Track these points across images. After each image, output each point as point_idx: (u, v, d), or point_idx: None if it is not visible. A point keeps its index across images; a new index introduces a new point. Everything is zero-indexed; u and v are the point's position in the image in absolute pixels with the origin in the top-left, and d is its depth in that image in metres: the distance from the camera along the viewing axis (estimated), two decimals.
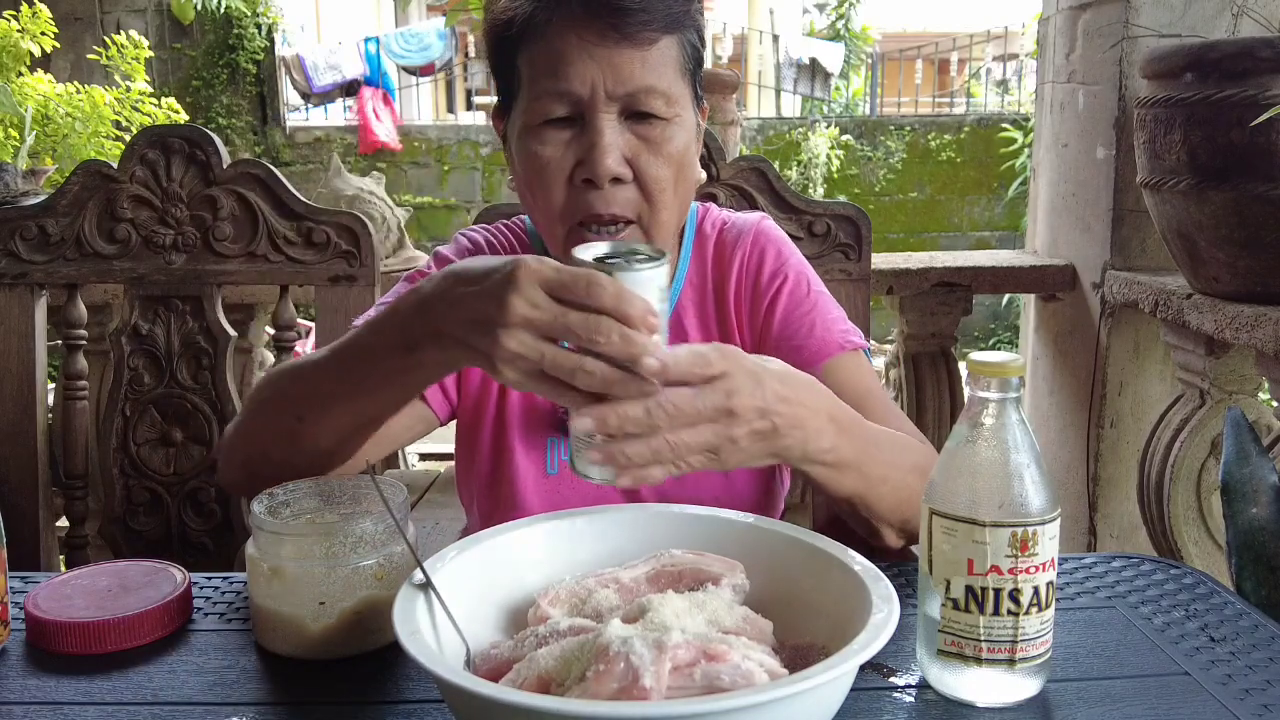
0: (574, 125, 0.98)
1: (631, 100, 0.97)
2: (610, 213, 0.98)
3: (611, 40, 0.95)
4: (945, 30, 11.66)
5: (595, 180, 0.97)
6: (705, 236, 1.16)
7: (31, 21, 2.70)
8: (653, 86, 0.96)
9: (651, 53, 0.96)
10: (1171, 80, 1.89)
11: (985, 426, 0.72)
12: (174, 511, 1.44)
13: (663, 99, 0.97)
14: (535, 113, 0.98)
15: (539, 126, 0.98)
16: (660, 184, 0.99)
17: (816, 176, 8.41)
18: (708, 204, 1.21)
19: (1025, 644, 0.71)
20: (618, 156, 0.97)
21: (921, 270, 2.48)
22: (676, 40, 0.99)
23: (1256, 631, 0.84)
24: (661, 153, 0.98)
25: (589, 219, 0.99)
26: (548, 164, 0.98)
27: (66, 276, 1.42)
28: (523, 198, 1.06)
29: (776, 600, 0.77)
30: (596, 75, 0.95)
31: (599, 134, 0.96)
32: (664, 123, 0.98)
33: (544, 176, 0.99)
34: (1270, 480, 1.35)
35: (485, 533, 0.82)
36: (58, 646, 0.82)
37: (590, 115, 0.96)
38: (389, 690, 0.77)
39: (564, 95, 0.96)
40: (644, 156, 0.98)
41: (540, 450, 1.11)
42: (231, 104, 7.94)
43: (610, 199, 0.98)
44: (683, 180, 1.02)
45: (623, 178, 0.98)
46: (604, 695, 0.61)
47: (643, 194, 0.99)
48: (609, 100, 0.96)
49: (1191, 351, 2.12)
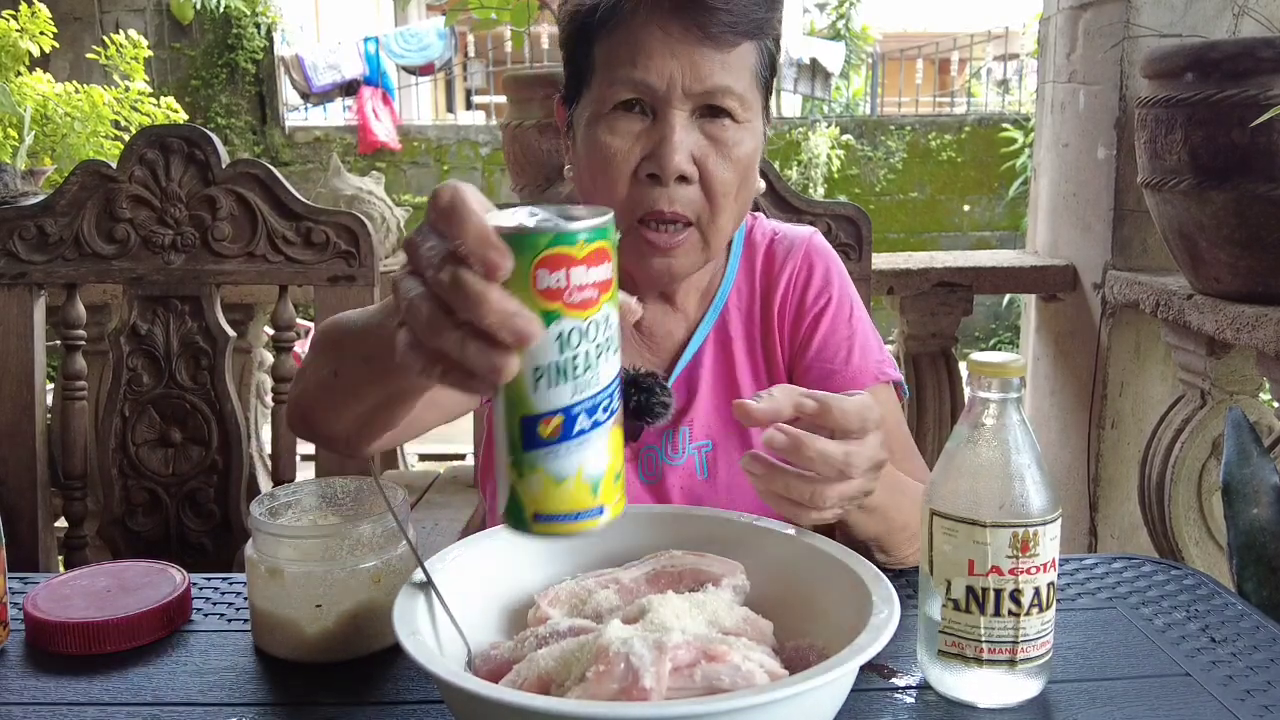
0: (645, 119, 0.97)
1: (706, 99, 0.96)
2: (672, 210, 0.97)
3: (694, 38, 0.94)
4: (946, 30, 11.65)
5: (662, 176, 0.96)
6: (755, 245, 1.14)
7: (30, 21, 2.70)
8: (730, 88, 0.96)
9: (732, 55, 0.96)
10: (1172, 80, 1.89)
11: (986, 427, 0.72)
12: (173, 512, 1.44)
13: (738, 101, 0.97)
14: (607, 99, 0.97)
15: (610, 115, 0.97)
16: (725, 187, 0.98)
17: (817, 176, 8.40)
18: (757, 214, 1.20)
19: (1026, 645, 0.71)
20: (686, 154, 0.96)
21: (922, 270, 2.48)
22: (756, 46, 0.98)
23: (1257, 632, 0.84)
24: (730, 156, 0.98)
25: (650, 215, 0.98)
26: (615, 154, 0.97)
27: (65, 276, 1.41)
28: (581, 188, 1.04)
29: (777, 601, 0.77)
30: (675, 70, 0.94)
31: (670, 129, 0.95)
32: (736, 126, 0.98)
33: (610, 167, 0.97)
34: (1271, 481, 1.35)
35: (485, 533, 0.82)
36: (57, 647, 0.82)
37: (663, 110, 0.96)
38: (389, 691, 0.76)
39: (639, 84, 0.95)
40: (712, 158, 0.97)
41: None
42: (230, 104, 7.94)
43: (674, 197, 0.97)
44: (745, 187, 1.01)
45: (689, 176, 0.97)
46: (604, 696, 0.61)
47: (706, 196, 0.98)
48: (684, 98, 0.95)
49: (1192, 352, 2.12)
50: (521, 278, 0.56)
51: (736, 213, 1.01)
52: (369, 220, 1.42)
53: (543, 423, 0.59)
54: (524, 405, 0.59)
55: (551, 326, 0.57)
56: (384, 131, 8.32)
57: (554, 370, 0.58)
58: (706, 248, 1.01)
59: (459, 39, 9.43)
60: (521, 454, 0.59)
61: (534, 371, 0.58)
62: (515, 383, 0.58)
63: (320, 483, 0.88)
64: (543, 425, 0.59)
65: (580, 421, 0.59)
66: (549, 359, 0.58)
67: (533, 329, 0.55)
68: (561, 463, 0.59)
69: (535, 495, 0.60)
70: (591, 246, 0.58)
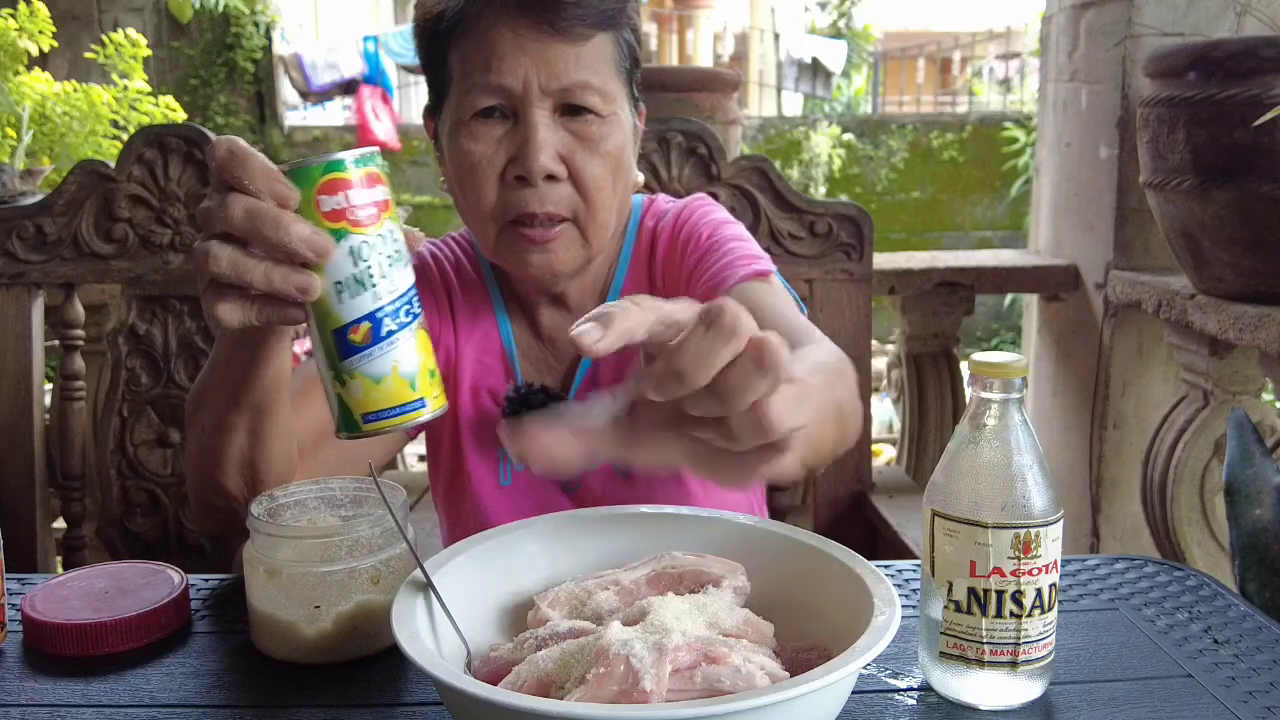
0: (507, 122, 0.96)
1: (565, 95, 0.95)
2: (545, 210, 0.96)
3: (545, 34, 0.93)
4: (947, 29, 11.65)
5: (528, 177, 0.94)
6: (644, 229, 1.12)
7: (29, 20, 2.69)
8: (587, 82, 0.95)
9: (585, 49, 0.95)
10: (1175, 79, 1.88)
11: (988, 427, 0.71)
12: (171, 513, 1.43)
13: (598, 95, 0.96)
14: (466, 107, 0.96)
15: (470, 121, 0.96)
16: (597, 182, 0.97)
17: (818, 176, 8.40)
18: (653, 196, 1.17)
19: (1028, 646, 0.71)
20: (552, 153, 0.95)
21: (924, 270, 2.47)
22: (611, 38, 0.97)
23: (1260, 634, 0.84)
24: (598, 150, 0.96)
25: (522, 217, 0.97)
26: (479, 161, 0.96)
27: (64, 276, 1.41)
28: (454, 198, 1.03)
29: (778, 602, 0.76)
30: (530, 69, 0.93)
31: (532, 129, 0.94)
32: (600, 120, 0.96)
33: (475, 174, 0.97)
34: (1274, 482, 1.34)
35: (484, 534, 0.81)
36: (54, 648, 0.82)
37: (523, 110, 0.95)
38: (387, 693, 0.76)
39: (496, 89, 0.94)
40: (580, 154, 0.96)
41: (493, 462, 1.09)
42: (229, 103, 7.94)
43: (545, 197, 0.95)
44: (620, 180, 0.99)
45: (557, 175, 0.96)
46: (604, 698, 0.60)
47: (579, 192, 0.97)
48: (542, 95, 0.94)
49: (1195, 352, 2.12)
50: (306, 205, 0.66)
51: (615, 206, 1.00)
52: None
53: (352, 331, 0.67)
54: (332, 319, 0.67)
55: (342, 243, 0.66)
56: (383, 130, 8.32)
57: (353, 282, 0.67)
58: (587, 244, 0.99)
59: None
60: (340, 364, 0.68)
61: (335, 287, 0.67)
62: (321, 301, 0.67)
63: (319, 483, 0.88)
64: (353, 333, 0.67)
65: (386, 324, 0.67)
66: (346, 273, 0.66)
67: (328, 243, 0.65)
68: (376, 364, 0.67)
69: (360, 399, 0.68)
70: (363, 170, 0.67)
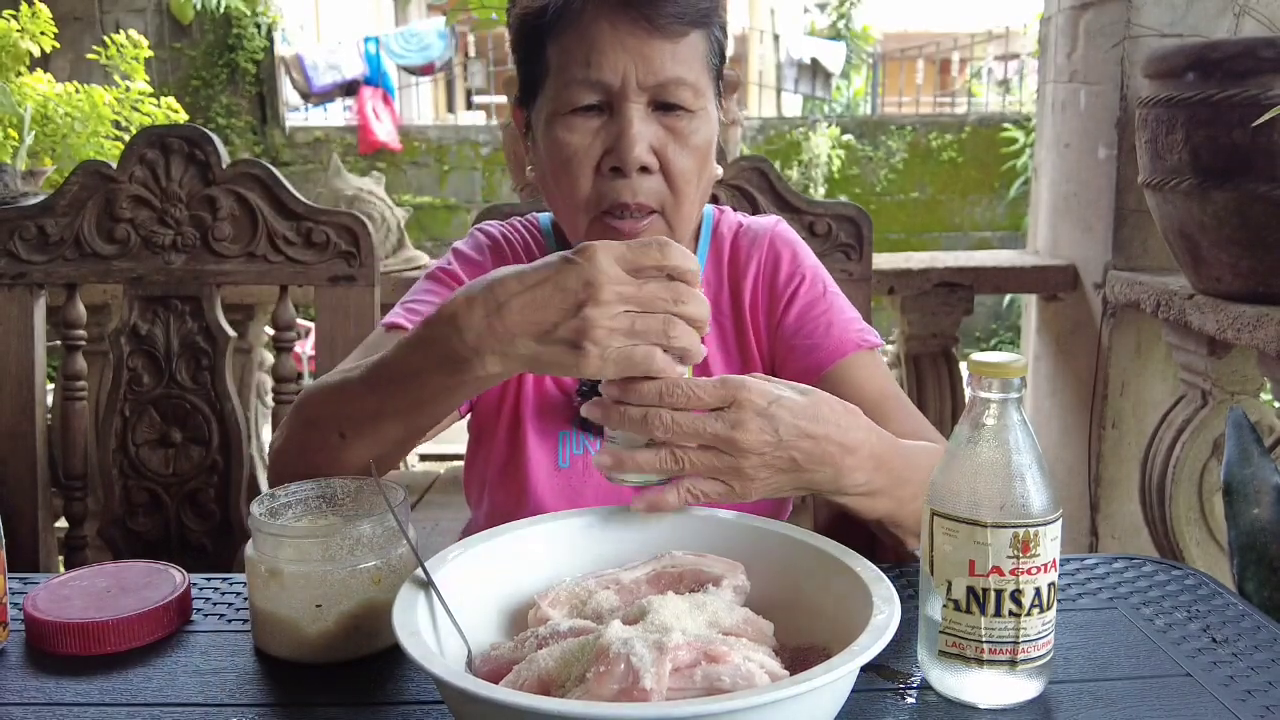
0: (602, 114, 0.99)
1: (660, 91, 0.98)
2: (636, 201, 0.99)
3: (643, 30, 0.96)
4: (946, 30, 11.64)
5: (623, 168, 0.98)
6: (722, 238, 1.16)
7: (31, 21, 2.69)
8: (681, 78, 0.98)
9: (681, 45, 0.98)
10: (1173, 80, 1.89)
11: (987, 427, 0.72)
12: (173, 512, 1.44)
13: (690, 91, 0.99)
14: (565, 100, 0.99)
15: (568, 114, 0.99)
16: (686, 175, 1.00)
17: (817, 176, 8.40)
18: (723, 206, 1.22)
19: (1027, 645, 0.71)
20: (646, 146, 0.98)
21: (923, 270, 2.48)
22: (704, 35, 1.01)
23: (1259, 633, 0.84)
24: (688, 144, 1.00)
25: (615, 207, 1.00)
26: (575, 152, 0.99)
27: (65, 276, 1.41)
28: (544, 187, 1.06)
29: (777, 601, 0.77)
30: (628, 65, 0.97)
31: (629, 123, 0.97)
32: (690, 115, 1.00)
33: (571, 164, 1.00)
34: (1272, 481, 1.35)
35: (485, 533, 0.81)
36: (56, 648, 0.82)
37: (620, 104, 0.98)
38: (389, 691, 0.76)
39: (595, 84, 0.97)
40: (671, 147, 1.00)
41: (553, 443, 1.11)
42: (231, 104, 7.93)
43: (637, 188, 0.99)
44: (705, 173, 1.03)
45: (650, 167, 0.99)
46: (604, 696, 0.61)
47: (668, 185, 1.00)
48: (639, 90, 0.97)
49: (1193, 352, 2.12)
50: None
51: (699, 199, 1.04)
52: (369, 220, 1.42)
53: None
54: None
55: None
56: (384, 132, 8.31)
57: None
58: (672, 235, 1.02)
59: (459, 39, 9.44)
60: None
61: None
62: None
63: (320, 483, 0.88)
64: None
65: None
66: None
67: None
68: None
69: None
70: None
